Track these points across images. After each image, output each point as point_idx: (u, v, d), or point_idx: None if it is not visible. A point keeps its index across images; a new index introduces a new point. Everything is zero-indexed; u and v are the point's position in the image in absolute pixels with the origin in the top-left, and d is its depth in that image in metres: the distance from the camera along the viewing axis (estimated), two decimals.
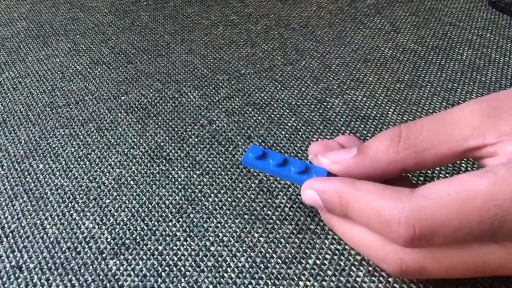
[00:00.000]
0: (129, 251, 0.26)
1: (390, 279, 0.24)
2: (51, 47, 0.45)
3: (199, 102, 0.37)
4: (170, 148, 0.33)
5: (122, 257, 0.26)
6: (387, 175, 0.24)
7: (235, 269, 0.25)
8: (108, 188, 0.30)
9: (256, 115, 0.36)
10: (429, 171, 0.30)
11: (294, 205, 0.28)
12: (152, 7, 0.52)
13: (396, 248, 0.22)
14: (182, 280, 0.25)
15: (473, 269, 0.21)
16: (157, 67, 0.42)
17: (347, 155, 0.24)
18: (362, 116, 0.35)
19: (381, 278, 0.24)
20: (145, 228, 0.27)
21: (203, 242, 0.26)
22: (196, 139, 0.34)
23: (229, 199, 0.29)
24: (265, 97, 0.38)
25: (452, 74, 0.40)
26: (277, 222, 0.27)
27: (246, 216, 0.28)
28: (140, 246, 0.26)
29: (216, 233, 0.27)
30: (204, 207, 0.28)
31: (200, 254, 0.26)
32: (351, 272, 0.25)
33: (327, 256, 0.25)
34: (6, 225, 0.28)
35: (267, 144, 0.33)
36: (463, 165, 0.31)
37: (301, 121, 0.35)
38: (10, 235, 0.27)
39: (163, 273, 0.25)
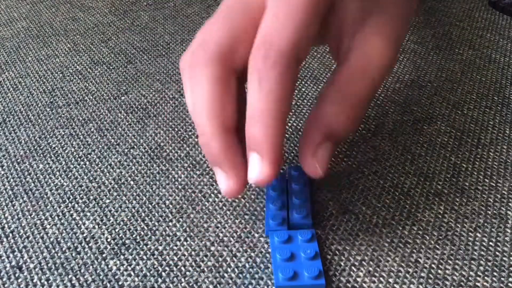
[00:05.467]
0: (129, 251, 0.26)
1: (390, 280, 0.24)
2: (51, 47, 0.45)
3: None
4: (170, 148, 0.33)
5: (122, 257, 0.26)
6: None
7: (235, 269, 0.25)
8: (108, 188, 0.30)
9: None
10: (429, 171, 0.30)
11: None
12: (152, 7, 0.52)
13: None
14: (182, 280, 0.25)
15: None
16: (157, 67, 0.42)
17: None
18: None
19: (381, 278, 0.24)
20: (145, 228, 0.27)
21: (203, 242, 0.26)
22: (196, 139, 0.34)
23: (229, 199, 0.29)
24: None
25: (452, 74, 0.40)
26: None
27: (246, 216, 0.28)
28: (140, 246, 0.26)
29: (216, 233, 0.27)
30: (204, 207, 0.28)
31: (200, 254, 0.26)
32: (351, 272, 0.25)
33: (327, 256, 0.25)
34: (6, 225, 0.28)
35: None
36: (463, 165, 0.31)
37: (301, 121, 0.35)
38: (10, 235, 0.27)
39: (163, 273, 0.25)
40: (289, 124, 0.35)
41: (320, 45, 0.33)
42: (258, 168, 0.23)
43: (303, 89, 0.38)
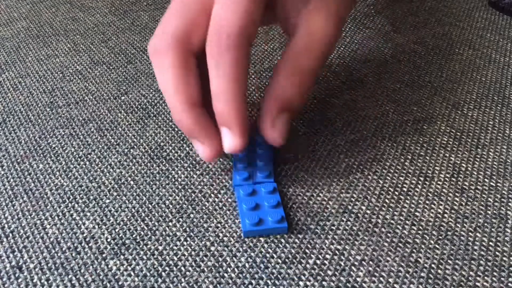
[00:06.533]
0: (129, 251, 0.26)
1: (390, 280, 0.24)
2: (51, 47, 0.45)
3: None
4: (170, 148, 0.33)
5: (122, 257, 0.26)
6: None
7: (235, 269, 0.25)
8: (108, 188, 0.30)
9: (256, 115, 0.36)
10: (429, 171, 0.30)
11: (294, 205, 0.28)
12: (152, 7, 0.52)
13: None
14: (182, 280, 0.25)
15: None
16: None
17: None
18: (362, 116, 0.35)
19: (381, 278, 0.24)
20: (145, 228, 0.27)
21: (203, 242, 0.26)
22: None
23: (229, 199, 0.29)
24: None
25: (452, 74, 0.40)
26: None
27: None
28: (140, 246, 0.26)
29: (216, 233, 0.27)
30: (204, 207, 0.28)
31: (200, 254, 0.26)
32: (351, 272, 0.25)
33: (327, 256, 0.25)
34: (6, 225, 0.28)
35: None
36: (463, 165, 0.31)
37: (301, 121, 0.35)
38: (10, 235, 0.27)
39: (163, 273, 0.25)
40: None
41: (269, 25, 0.42)
42: (230, 140, 0.27)
43: None
